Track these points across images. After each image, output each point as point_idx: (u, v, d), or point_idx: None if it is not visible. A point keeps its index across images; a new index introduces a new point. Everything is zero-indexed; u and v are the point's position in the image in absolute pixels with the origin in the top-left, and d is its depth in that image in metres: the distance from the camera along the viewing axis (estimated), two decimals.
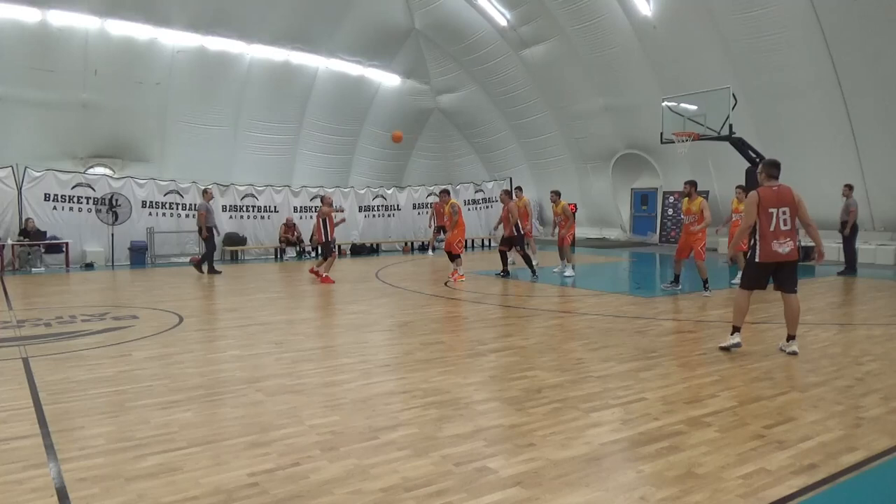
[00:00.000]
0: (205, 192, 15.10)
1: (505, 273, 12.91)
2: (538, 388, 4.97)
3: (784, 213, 5.96)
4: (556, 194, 13.66)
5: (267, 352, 6.43)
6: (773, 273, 6.12)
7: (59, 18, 16.81)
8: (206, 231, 14.17)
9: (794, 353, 6.03)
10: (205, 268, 14.22)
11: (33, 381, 5.25)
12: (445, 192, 13.88)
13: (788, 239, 5.97)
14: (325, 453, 3.67)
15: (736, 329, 6.22)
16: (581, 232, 22.71)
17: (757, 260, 6.08)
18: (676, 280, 10.62)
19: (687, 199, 10.29)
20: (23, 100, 17.23)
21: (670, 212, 21.64)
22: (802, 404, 4.55)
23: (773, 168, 6.18)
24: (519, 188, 16.35)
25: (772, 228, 5.95)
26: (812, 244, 6.50)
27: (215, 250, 14.92)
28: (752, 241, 6.15)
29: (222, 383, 5.21)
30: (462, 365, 5.81)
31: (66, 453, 3.67)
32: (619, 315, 8.49)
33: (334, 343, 7.04)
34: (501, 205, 13.13)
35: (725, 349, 6.21)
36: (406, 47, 23.62)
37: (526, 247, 13.13)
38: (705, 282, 10.12)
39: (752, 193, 6.14)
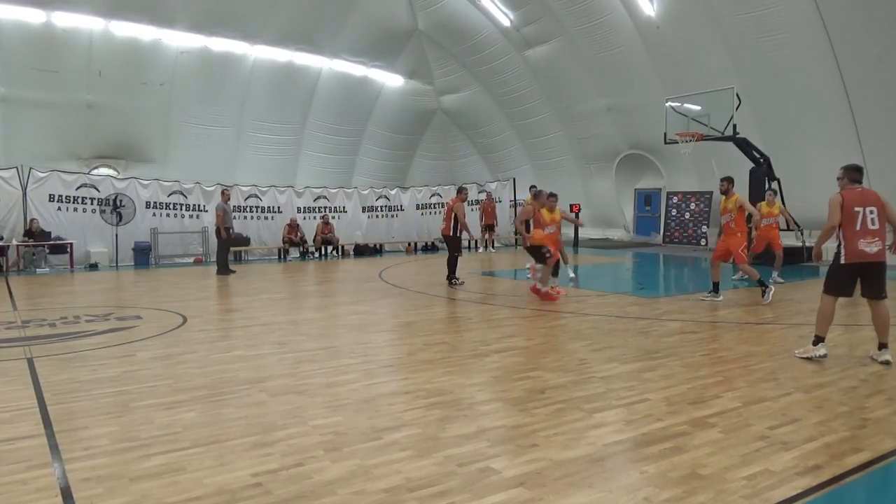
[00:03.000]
0: (223, 192, 15.16)
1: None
2: (541, 389, 4.97)
3: (871, 212, 5.69)
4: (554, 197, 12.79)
5: (270, 352, 6.43)
6: (859, 276, 5.81)
7: (63, 20, 16.85)
8: (225, 231, 14.21)
9: (886, 363, 5.64)
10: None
11: (38, 381, 5.26)
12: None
13: (877, 238, 5.67)
14: (329, 453, 3.68)
15: (820, 339, 5.90)
16: (584, 232, 22.72)
17: (842, 262, 5.79)
18: (716, 289, 9.54)
19: (724, 196, 9.51)
20: (27, 101, 17.28)
21: (674, 212, 21.61)
22: (807, 405, 4.54)
23: (856, 172, 5.93)
24: (537, 190, 13.72)
25: (858, 228, 5.69)
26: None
27: (229, 251, 14.91)
28: (837, 244, 5.86)
29: (226, 384, 5.22)
30: (465, 365, 5.80)
31: (70, 453, 3.68)
32: (623, 316, 8.47)
33: (337, 343, 7.05)
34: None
35: (807, 359, 5.86)
36: (409, 48, 23.62)
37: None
38: (761, 283, 9.32)
39: (836, 195, 5.89)
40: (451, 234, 11.87)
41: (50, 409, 4.52)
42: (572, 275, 12.99)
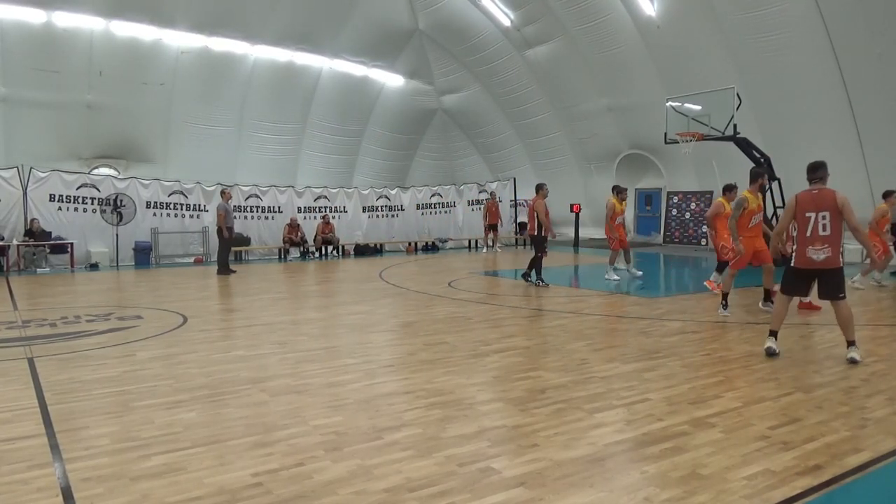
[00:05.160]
0: (223, 192, 15.16)
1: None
2: (542, 389, 4.96)
3: (824, 217, 5.60)
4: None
5: (271, 352, 6.44)
6: (815, 278, 5.84)
7: (64, 19, 16.85)
8: (227, 231, 14.21)
9: (852, 361, 5.68)
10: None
11: (38, 381, 5.27)
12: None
13: (826, 245, 5.64)
14: (329, 453, 3.68)
15: (772, 333, 6.02)
16: (584, 232, 22.72)
17: (793, 265, 5.87)
18: (725, 300, 8.40)
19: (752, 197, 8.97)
20: (28, 101, 17.27)
21: (674, 212, 21.61)
22: (807, 405, 4.54)
23: (812, 172, 5.87)
24: (618, 188, 13.26)
25: (808, 234, 5.69)
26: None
27: (230, 251, 14.89)
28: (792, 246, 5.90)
29: (226, 383, 5.22)
30: (466, 365, 5.80)
31: (70, 453, 3.69)
32: (623, 316, 8.47)
33: (338, 343, 7.05)
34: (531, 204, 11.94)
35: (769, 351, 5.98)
36: (409, 48, 23.61)
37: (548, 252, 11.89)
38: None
39: (791, 197, 5.92)
40: (536, 233, 11.60)
41: (50, 408, 4.52)
42: (627, 273, 12.59)
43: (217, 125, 20.50)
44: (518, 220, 24.33)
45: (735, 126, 14.80)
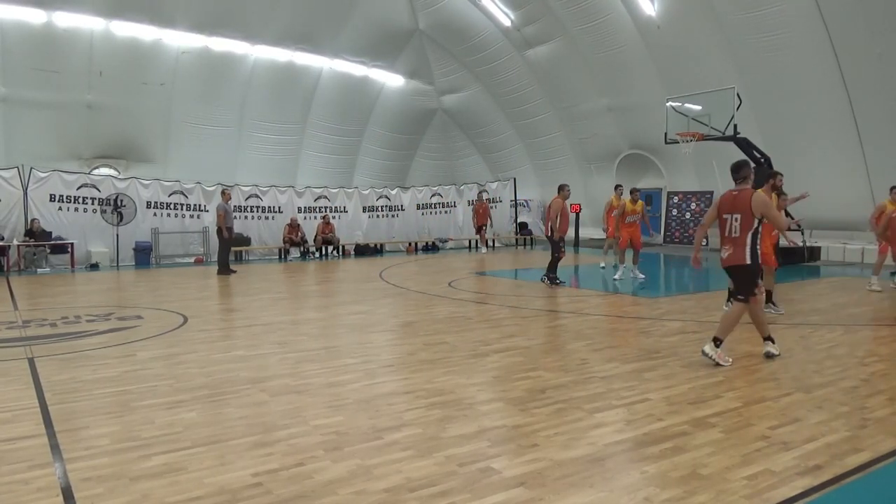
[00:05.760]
0: (223, 192, 15.16)
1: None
2: (542, 389, 4.97)
3: (736, 219, 5.77)
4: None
5: (271, 352, 6.44)
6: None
7: (64, 20, 16.86)
8: (227, 231, 14.20)
9: (767, 355, 5.89)
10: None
11: (39, 381, 5.27)
12: (632, 189, 12.48)
13: (728, 245, 5.83)
14: (329, 453, 3.68)
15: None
16: (585, 232, 22.72)
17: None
18: (770, 298, 8.39)
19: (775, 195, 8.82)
20: (28, 101, 17.28)
21: (674, 212, 21.61)
22: (807, 405, 4.54)
23: (733, 172, 5.98)
24: (631, 189, 13.51)
25: (725, 234, 5.91)
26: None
27: (230, 251, 14.85)
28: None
29: (226, 383, 5.22)
30: (466, 365, 5.80)
31: (71, 453, 3.69)
32: (623, 316, 8.47)
33: (338, 343, 7.05)
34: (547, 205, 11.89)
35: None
36: (410, 48, 23.62)
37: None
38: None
39: (717, 197, 6.14)
40: (549, 234, 11.58)
41: (51, 408, 4.52)
42: (623, 275, 12.51)
43: (217, 125, 20.51)
44: (518, 220, 24.36)
45: (735, 126, 14.79)
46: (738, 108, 14.83)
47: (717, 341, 5.72)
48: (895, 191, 10.93)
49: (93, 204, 16.52)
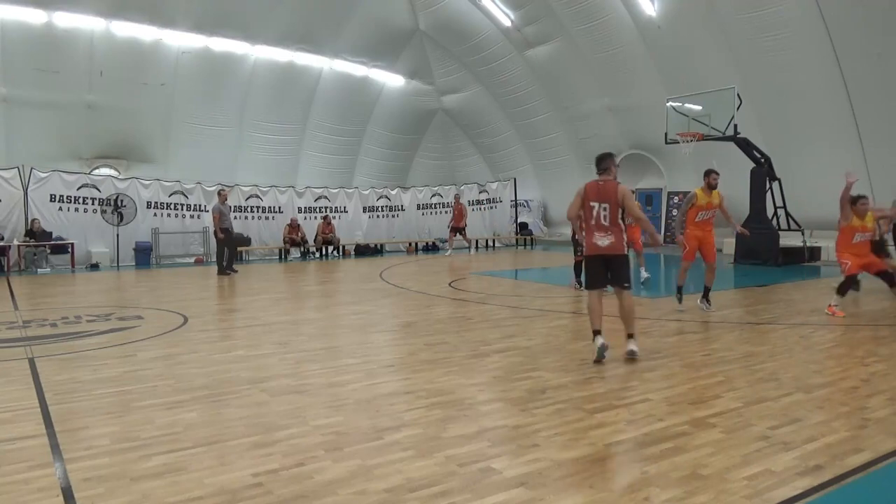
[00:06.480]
0: (219, 193, 15.14)
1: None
2: (542, 389, 4.96)
3: (605, 209, 5.92)
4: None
5: (271, 352, 6.44)
6: (607, 268, 6.02)
7: (64, 20, 16.86)
8: (222, 232, 14.16)
9: (631, 354, 5.83)
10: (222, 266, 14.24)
11: (39, 381, 5.27)
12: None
13: (608, 233, 5.92)
14: (330, 454, 3.68)
15: (596, 332, 5.89)
16: None
17: (585, 254, 6.18)
18: (680, 293, 8.84)
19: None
20: (28, 101, 17.29)
21: (675, 212, 21.59)
22: (808, 405, 4.53)
23: (597, 164, 6.21)
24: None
25: (593, 222, 5.98)
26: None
27: (230, 251, 14.77)
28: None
29: (227, 384, 5.22)
30: (466, 365, 5.80)
31: (71, 453, 3.69)
32: None
33: (338, 343, 7.05)
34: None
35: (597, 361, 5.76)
36: (410, 48, 23.62)
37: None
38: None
39: (581, 186, 6.23)
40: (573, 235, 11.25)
41: (51, 408, 4.52)
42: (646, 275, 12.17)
43: (217, 125, 20.51)
44: (518, 220, 24.36)
45: (735, 126, 14.80)
46: (738, 108, 14.83)
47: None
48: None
49: (93, 204, 16.53)
